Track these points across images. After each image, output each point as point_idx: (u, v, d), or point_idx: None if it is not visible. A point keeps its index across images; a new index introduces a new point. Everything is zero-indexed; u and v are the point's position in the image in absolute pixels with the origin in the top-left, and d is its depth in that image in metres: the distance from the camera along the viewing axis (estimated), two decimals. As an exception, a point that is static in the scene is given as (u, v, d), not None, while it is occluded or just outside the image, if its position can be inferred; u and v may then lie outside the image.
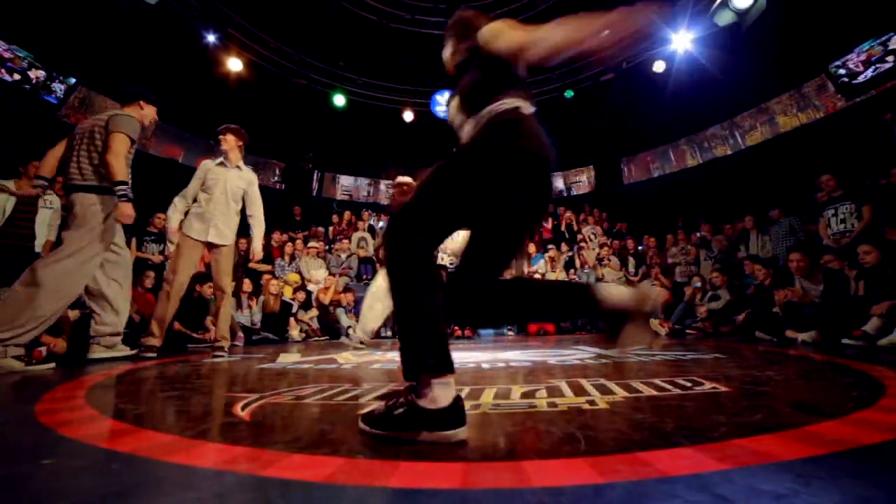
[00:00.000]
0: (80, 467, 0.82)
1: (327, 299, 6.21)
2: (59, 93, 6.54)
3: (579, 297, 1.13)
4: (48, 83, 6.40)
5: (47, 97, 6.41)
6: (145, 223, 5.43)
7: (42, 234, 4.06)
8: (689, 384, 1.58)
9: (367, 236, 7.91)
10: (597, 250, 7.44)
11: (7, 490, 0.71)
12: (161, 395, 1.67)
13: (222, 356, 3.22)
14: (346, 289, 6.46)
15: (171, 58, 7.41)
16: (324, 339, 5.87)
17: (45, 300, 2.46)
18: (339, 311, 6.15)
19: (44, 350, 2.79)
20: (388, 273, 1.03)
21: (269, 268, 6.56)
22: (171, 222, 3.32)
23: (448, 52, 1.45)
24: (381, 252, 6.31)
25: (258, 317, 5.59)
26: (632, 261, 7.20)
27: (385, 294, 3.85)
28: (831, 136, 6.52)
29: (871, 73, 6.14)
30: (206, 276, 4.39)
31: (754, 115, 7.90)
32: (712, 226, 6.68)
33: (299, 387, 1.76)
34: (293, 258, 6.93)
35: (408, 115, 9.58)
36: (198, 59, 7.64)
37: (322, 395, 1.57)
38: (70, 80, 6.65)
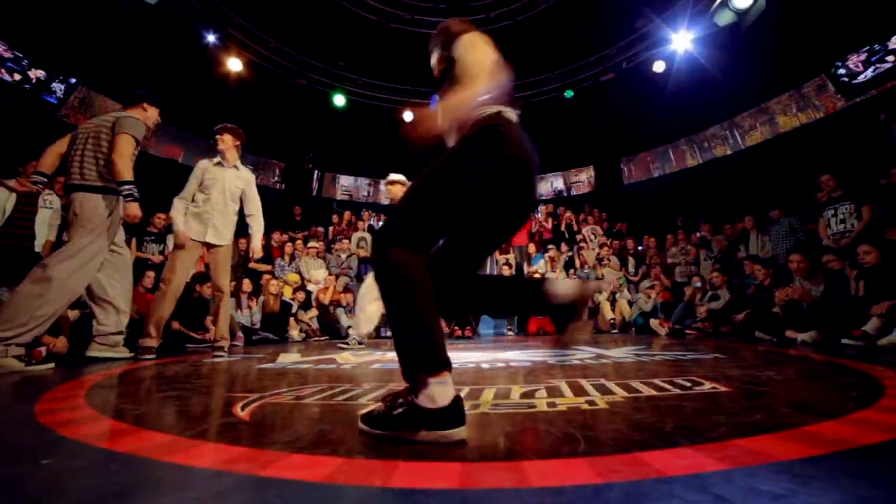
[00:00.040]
0: (79, 467, 0.82)
1: (327, 299, 6.21)
2: (59, 93, 6.55)
3: (535, 293, 1.18)
4: (48, 83, 6.41)
5: (47, 97, 6.41)
6: (145, 223, 5.43)
7: (42, 234, 4.06)
8: (688, 384, 1.58)
9: (367, 236, 7.91)
10: (597, 250, 7.44)
11: (7, 490, 0.71)
12: (160, 396, 1.67)
13: (222, 356, 3.22)
14: (346, 289, 6.46)
15: (171, 58, 7.41)
16: (324, 339, 5.87)
17: (49, 300, 2.48)
18: (339, 311, 6.16)
19: (43, 350, 2.79)
20: (377, 280, 1.05)
21: (268, 268, 6.56)
22: (177, 224, 3.28)
23: (433, 59, 1.49)
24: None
25: (258, 317, 5.59)
26: (632, 261, 7.20)
27: (375, 294, 3.86)
28: (831, 136, 6.52)
29: (871, 73, 6.14)
30: (205, 276, 4.38)
31: (754, 115, 7.90)
32: (712, 226, 6.68)
33: (299, 387, 1.76)
34: (293, 258, 6.93)
35: (408, 115, 9.59)
36: (198, 59, 7.64)
37: (321, 395, 1.57)
38: (70, 80, 6.65)
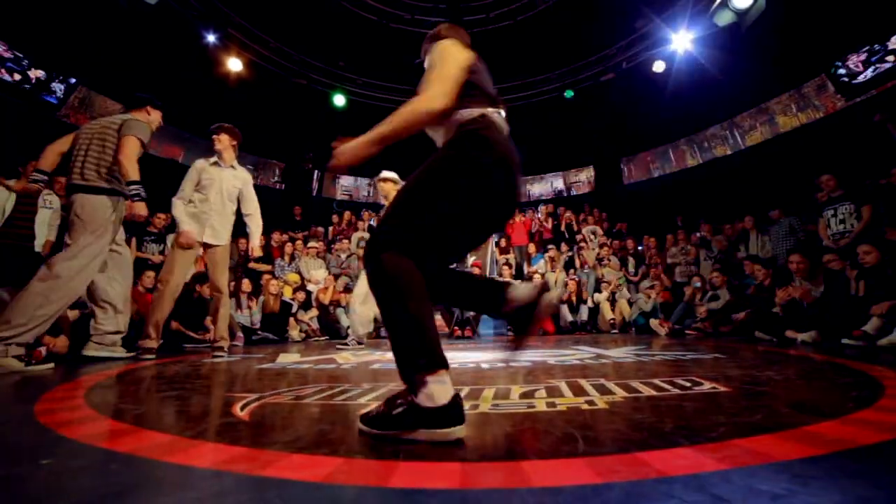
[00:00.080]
0: (79, 467, 0.82)
1: (327, 299, 6.21)
2: (59, 93, 6.55)
3: (494, 295, 1.19)
4: (48, 83, 6.41)
5: (47, 97, 6.41)
6: (145, 223, 5.43)
7: (42, 234, 4.05)
8: (688, 384, 1.58)
9: (367, 236, 7.91)
10: (596, 250, 7.44)
11: (6, 490, 0.71)
12: (160, 396, 1.67)
13: (222, 356, 3.22)
14: (346, 289, 6.46)
15: (171, 58, 7.41)
16: (324, 339, 5.87)
17: (51, 300, 2.48)
18: (339, 311, 6.16)
19: (43, 350, 2.79)
20: (372, 285, 1.06)
21: (268, 268, 6.56)
22: (184, 224, 3.25)
23: (426, 63, 1.50)
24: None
25: (258, 317, 5.59)
26: (632, 261, 7.20)
27: (366, 296, 3.84)
28: (831, 136, 6.52)
29: (871, 73, 6.14)
30: (205, 276, 4.37)
31: (754, 115, 7.90)
32: (712, 226, 6.68)
33: (299, 387, 1.76)
34: (293, 258, 6.93)
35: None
36: (198, 59, 7.64)
37: (321, 395, 1.57)
38: (70, 80, 6.66)
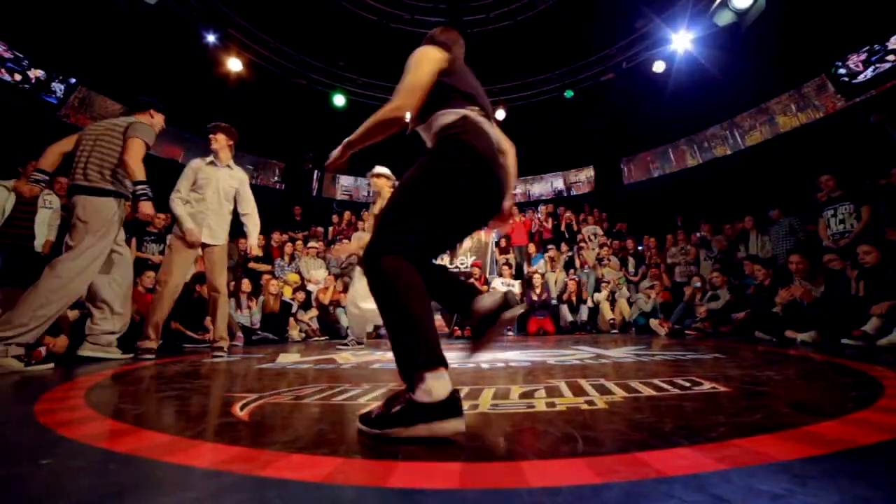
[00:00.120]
0: (78, 467, 0.82)
1: (327, 299, 6.21)
2: (59, 93, 6.55)
3: (464, 301, 1.22)
4: (48, 83, 6.41)
5: (47, 97, 6.42)
6: (145, 223, 5.42)
7: (42, 234, 4.05)
8: (688, 384, 1.58)
9: (367, 236, 7.90)
10: (596, 250, 7.44)
11: (6, 490, 0.71)
12: (160, 396, 1.67)
13: (222, 356, 3.22)
14: (346, 289, 6.46)
15: (171, 58, 7.41)
16: (323, 339, 5.87)
17: (52, 300, 2.48)
18: (339, 311, 6.16)
19: (43, 350, 2.79)
20: (371, 289, 1.10)
21: (268, 268, 6.56)
22: (187, 223, 3.26)
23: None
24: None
25: (258, 317, 5.59)
26: (632, 261, 7.20)
27: (361, 297, 3.81)
28: (831, 136, 6.52)
29: (871, 72, 6.14)
30: (205, 276, 4.38)
31: (754, 115, 7.90)
32: (712, 226, 6.68)
33: (298, 387, 1.76)
34: (293, 258, 6.93)
35: (407, 115, 9.59)
36: (198, 59, 7.64)
37: (321, 395, 1.57)
38: (70, 80, 6.66)
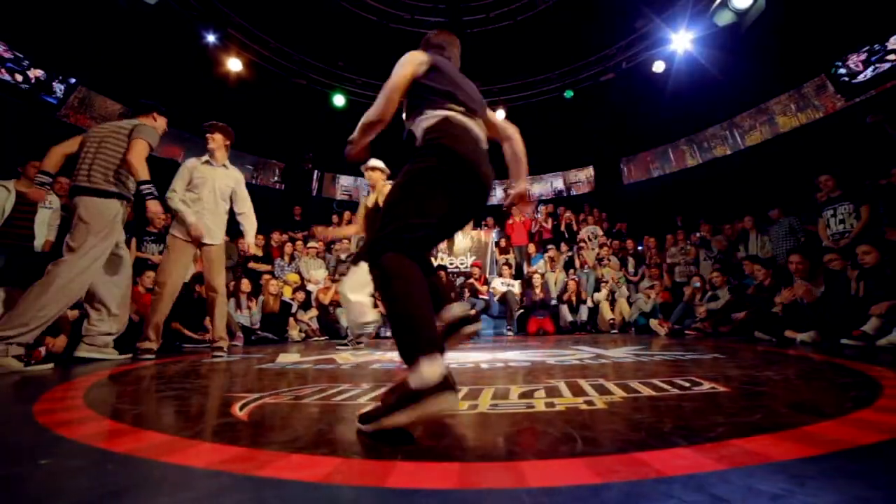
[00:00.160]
0: (77, 467, 0.82)
1: (327, 299, 6.21)
2: (59, 93, 6.55)
3: (436, 304, 1.27)
4: (48, 83, 6.41)
5: (47, 97, 6.41)
6: (145, 223, 5.42)
7: (41, 234, 4.05)
8: (687, 384, 1.58)
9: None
10: (596, 250, 7.44)
11: (5, 490, 0.71)
12: (159, 396, 1.67)
13: (221, 356, 3.22)
14: (346, 289, 6.45)
15: (171, 58, 7.41)
16: (323, 339, 5.87)
17: (54, 299, 2.48)
18: (339, 311, 6.15)
19: (42, 350, 2.79)
20: (376, 285, 1.17)
21: (268, 268, 6.56)
22: (189, 217, 3.25)
23: None
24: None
25: (257, 317, 5.59)
26: (631, 261, 7.20)
27: (349, 288, 3.72)
28: (831, 136, 6.52)
29: (871, 72, 6.14)
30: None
31: (754, 115, 7.90)
32: (712, 226, 6.67)
33: (298, 387, 1.76)
34: (293, 258, 6.93)
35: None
36: (198, 59, 7.63)
37: (320, 395, 1.57)
38: (70, 80, 6.65)
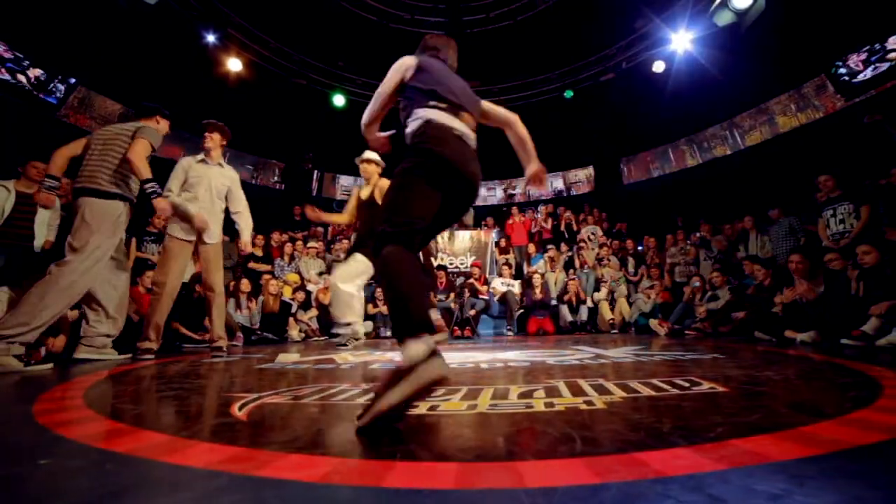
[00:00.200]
0: (77, 467, 0.82)
1: (327, 299, 6.20)
2: (59, 93, 6.55)
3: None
4: (48, 83, 6.41)
5: (47, 97, 6.42)
6: (145, 223, 5.43)
7: (41, 234, 4.04)
8: (687, 384, 1.58)
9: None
10: (596, 250, 7.45)
11: (4, 490, 0.71)
12: (158, 396, 1.67)
13: (221, 356, 3.22)
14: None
15: (170, 58, 7.41)
16: (323, 339, 5.87)
17: (56, 299, 2.49)
18: (339, 310, 6.15)
19: (42, 350, 2.79)
20: (377, 273, 1.37)
21: (268, 268, 6.56)
22: (189, 209, 3.27)
23: None
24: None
25: (257, 317, 5.59)
26: (631, 261, 7.20)
27: (339, 277, 3.75)
28: (831, 136, 6.52)
29: (871, 72, 6.14)
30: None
31: (754, 115, 7.90)
32: (712, 226, 6.68)
33: (297, 387, 1.76)
34: (293, 258, 6.93)
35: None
36: (198, 59, 7.64)
37: (320, 395, 1.56)
38: (70, 80, 6.66)
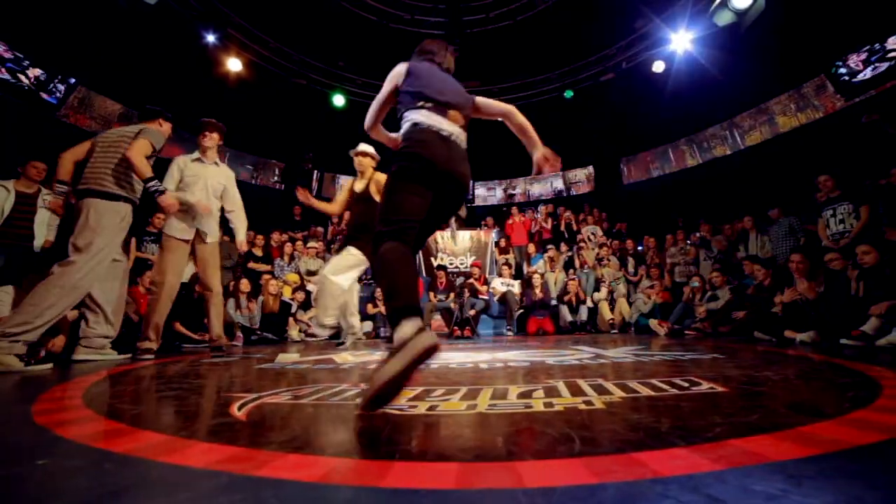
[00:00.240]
0: (75, 467, 0.82)
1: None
2: (59, 93, 6.55)
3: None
4: (48, 83, 6.41)
5: (47, 97, 6.42)
6: (144, 223, 5.43)
7: (41, 234, 4.04)
8: (686, 384, 1.58)
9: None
10: (596, 250, 7.45)
11: (3, 490, 0.71)
12: (157, 396, 1.67)
13: (220, 356, 3.22)
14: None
15: (170, 58, 7.41)
16: (323, 339, 5.86)
17: (60, 298, 2.49)
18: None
19: (42, 350, 2.79)
20: (374, 265, 1.44)
21: (268, 268, 6.56)
22: (190, 197, 3.32)
23: None
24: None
25: (257, 317, 5.59)
26: (631, 261, 7.20)
27: (330, 270, 3.81)
28: (831, 136, 6.53)
29: (871, 72, 6.14)
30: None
31: (754, 115, 7.90)
32: (712, 226, 6.68)
33: (297, 387, 1.76)
34: (293, 258, 6.93)
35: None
36: (198, 59, 7.64)
37: (319, 395, 1.57)
38: (70, 80, 6.66)
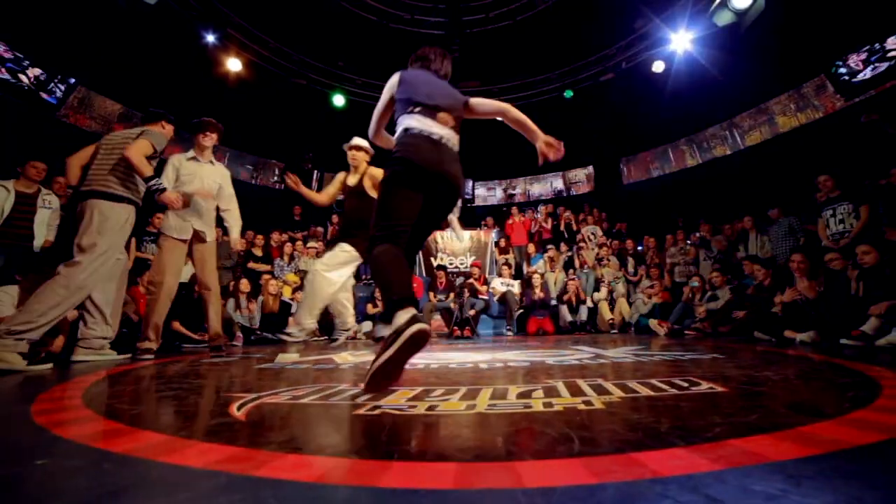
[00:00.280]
0: (74, 467, 0.82)
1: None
2: (59, 93, 6.56)
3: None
4: (48, 83, 6.41)
5: (47, 97, 6.42)
6: (144, 223, 5.43)
7: (41, 234, 4.05)
8: (686, 384, 1.58)
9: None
10: (596, 250, 7.45)
11: (2, 490, 0.71)
12: (157, 396, 1.67)
13: (220, 356, 3.22)
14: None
15: (170, 58, 7.42)
16: (323, 339, 5.86)
17: (64, 298, 2.50)
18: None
19: (42, 350, 2.79)
20: (370, 264, 1.59)
21: (268, 268, 6.57)
22: (188, 188, 3.33)
23: None
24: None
25: (257, 317, 5.59)
26: (631, 261, 7.21)
27: (322, 264, 3.80)
28: (830, 136, 6.53)
29: (871, 72, 6.14)
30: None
31: (753, 115, 7.90)
32: (712, 226, 6.68)
33: (296, 387, 1.76)
34: (292, 258, 6.93)
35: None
36: (197, 59, 7.64)
37: (319, 395, 1.56)
38: (70, 80, 6.66)
